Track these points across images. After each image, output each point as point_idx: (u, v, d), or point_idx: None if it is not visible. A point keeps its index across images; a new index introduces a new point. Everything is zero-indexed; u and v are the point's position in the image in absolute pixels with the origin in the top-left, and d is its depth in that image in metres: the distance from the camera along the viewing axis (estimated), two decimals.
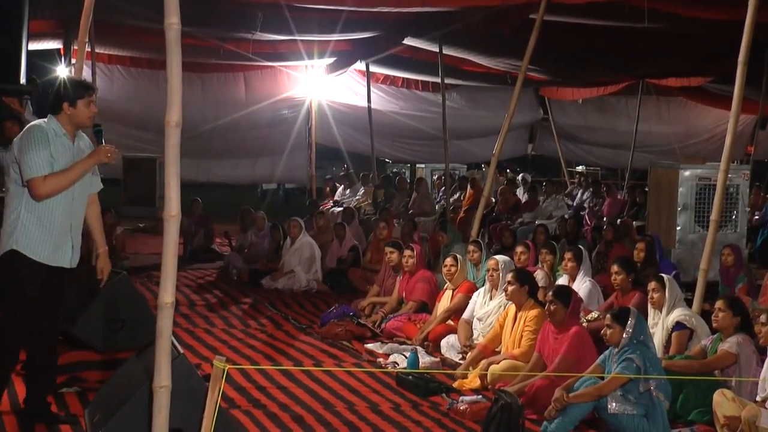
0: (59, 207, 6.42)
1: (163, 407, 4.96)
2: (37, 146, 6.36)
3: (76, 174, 6.40)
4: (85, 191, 6.65)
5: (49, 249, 6.42)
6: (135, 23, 16.76)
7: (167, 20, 4.95)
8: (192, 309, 11.88)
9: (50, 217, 6.41)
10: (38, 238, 6.40)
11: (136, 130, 23.16)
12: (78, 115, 6.51)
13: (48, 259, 6.43)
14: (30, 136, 6.42)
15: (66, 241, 6.49)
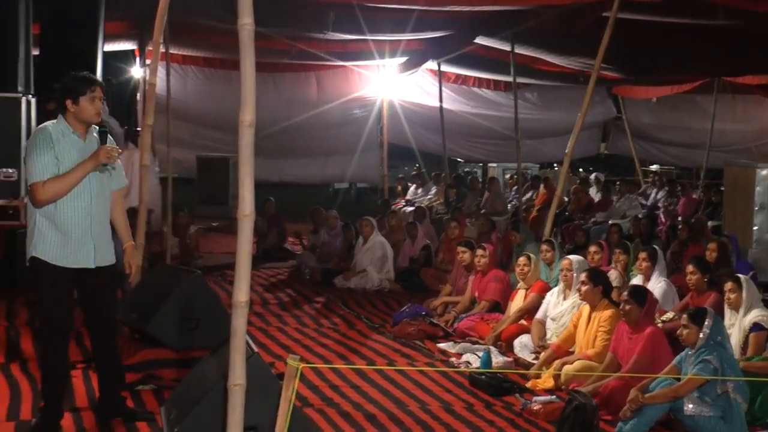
0: (75, 209, 6.37)
1: (237, 405, 4.99)
2: (38, 150, 6.31)
3: (76, 176, 6.30)
4: (105, 189, 6.58)
5: (67, 252, 6.37)
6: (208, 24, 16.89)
7: (241, 21, 4.98)
8: (265, 308, 11.95)
9: (65, 221, 6.36)
10: (55, 242, 6.36)
11: (210, 130, 23.36)
12: (82, 112, 6.44)
13: (68, 262, 6.39)
14: (33, 139, 6.41)
15: (86, 242, 6.42)
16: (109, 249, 6.63)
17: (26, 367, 8.38)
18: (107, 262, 6.59)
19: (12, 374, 8.10)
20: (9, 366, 8.38)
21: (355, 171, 25.16)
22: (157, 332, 7.83)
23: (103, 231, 6.56)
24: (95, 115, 6.44)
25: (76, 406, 7.21)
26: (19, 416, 6.94)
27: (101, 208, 6.53)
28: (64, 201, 6.31)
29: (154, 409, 7.15)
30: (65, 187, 6.28)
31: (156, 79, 9.87)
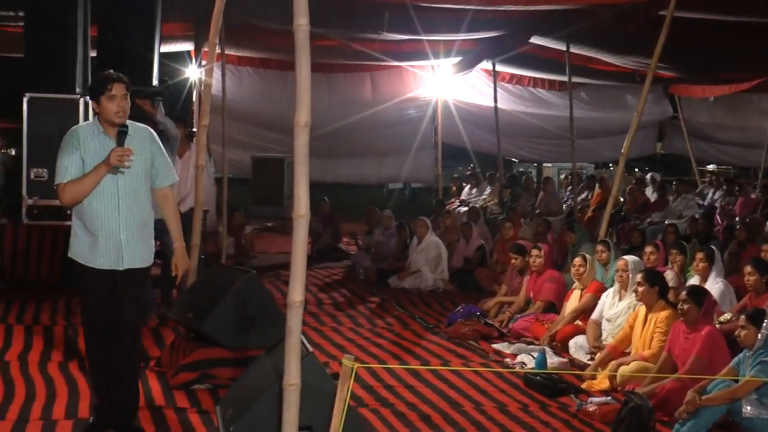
0: (103, 210, 6.24)
1: (292, 405, 5.01)
2: (64, 151, 6.25)
3: (91, 179, 6.15)
4: (138, 189, 6.37)
5: (96, 253, 6.27)
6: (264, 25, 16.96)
7: (296, 21, 4.99)
8: (320, 308, 11.99)
9: (93, 221, 6.24)
10: (86, 243, 6.28)
11: (265, 131, 23.46)
12: (104, 112, 6.25)
13: (97, 263, 6.28)
14: (63, 140, 6.32)
15: (115, 243, 6.27)
16: (143, 251, 6.45)
17: (84, 365, 8.44)
18: (139, 265, 6.42)
19: (70, 373, 8.19)
20: (67, 364, 8.47)
21: (409, 171, 25.17)
22: (213, 332, 7.86)
23: (135, 232, 6.36)
24: (116, 114, 6.23)
25: None
26: (77, 414, 7.00)
27: (134, 208, 6.33)
28: (93, 202, 6.22)
29: (209, 407, 7.20)
30: (82, 190, 6.18)
31: (212, 80, 9.92)
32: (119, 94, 6.21)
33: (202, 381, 7.84)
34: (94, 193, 6.19)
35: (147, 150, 6.40)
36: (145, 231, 6.49)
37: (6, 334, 9.65)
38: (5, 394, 7.48)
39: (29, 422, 6.75)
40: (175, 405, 7.35)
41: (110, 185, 6.22)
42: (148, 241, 6.53)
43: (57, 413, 6.99)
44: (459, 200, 23.25)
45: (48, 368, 8.32)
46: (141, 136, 6.42)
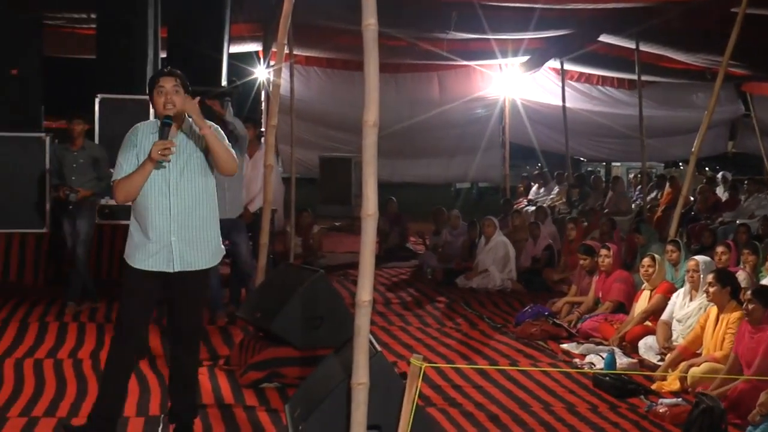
0: (153, 207, 6.03)
1: (361, 404, 5.02)
2: (122, 149, 6.16)
3: (138, 176, 5.97)
4: (191, 185, 6.11)
5: (145, 254, 6.06)
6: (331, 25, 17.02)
7: (365, 21, 4.99)
8: (388, 307, 12.00)
9: (145, 221, 6.06)
10: (137, 244, 6.10)
11: (332, 130, 23.53)
12: (155, 106, 6.12)
13: (145, 265, 6.07)
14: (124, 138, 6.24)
15: (166, 245, 6.04)
16: (199, 253, 6.16)
17: (155, 363, 8.55)
18: (192, 267, 6.14)
19: (141, 371, 8.27)
20: (138, 363, 8.56)
21: (477, 171, 25.12)
22: (281, 331, 7.90)
23: (189, 233, 6.10)
24: (163, 108, 6.02)
25: (203, 403, 7.32)
26: (149, 412, 7.08)
27: (188, 207, 6.09)
28: (144, 200, 6.03)
29: (278, 406, 7.23)
30: (132, 188, 6.01)
31: (280, 81, 9.97)
32: (168, 87, 6.04)
33: (271, 380, 7.88)
34: (146, 191, 6.02)
35: (203, 143, 6.15)
36: (204, 231, 6.17)
37: (79, 332, 9.80)
38: (78, 391, 7.59)
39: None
40: (244, 403, 7.40)
41: (161, 183, 6.04)
42: (206, 242, 6.20)
43: (128, 410, 7.05)
44: (527, 200, 23.16)
45: None
46: (196, 135, 6.16)
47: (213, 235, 6.26)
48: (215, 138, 6.07)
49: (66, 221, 10.88)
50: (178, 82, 6.08)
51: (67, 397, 7.42)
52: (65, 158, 10.80)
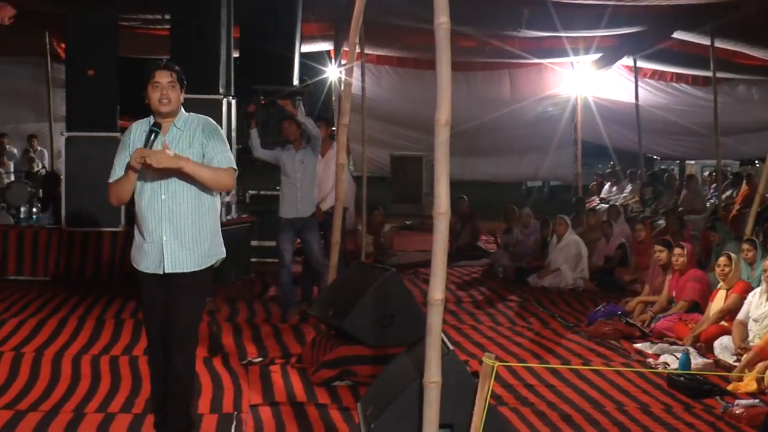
0: (146, 208, 5.87)
1: (433, 402, 5.02)
2: (118, 149, 5.98)
3: (125, 181, 5.81)
4: (183, 186, 5.82)
5: (141, 255, 5.94)
6: (403, 23, 17.03)
7: (437, 20, 4.99)
8: (459, 306, 11.99)
9: (140, 221, 5.94)
10: (137, 245, 6.00)
11: (403, 129, 23.57)
12: (150, 102, 5.85)
13: (144, 266, 5.94)
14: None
15: (157, 246, 5.86)
16: (190, 254, 5.90)
17: (227, 361, 8.63)
18: (182, 269, 5.89)
19: (214, 368, 8.35)
20: (211, 360, 8.65)
21: (548, 169, 25.00)
22: (353, 329, 7.92)
23: (180, 234, 5.87)
24: (159, 104, 5.80)
25: (275, 400, 7.37)
26: (222, 409, 7.13)
27: (180, 208, 5.85)
28: (139, 201, 5.87)
29: (350, 404, 7.25)
30: (121, 192, 5.88)
31: (352, 80, 9.99)
32: (163, 81, 5.79)
33: (343, 378, 7.91)
34: (140, 191, 5.86)
35: (197, 142, 5.88)
36: (196, 233, 5.92)
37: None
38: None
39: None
40: (316, 401, 7.43)
41: (153, 183, 5.83)
42: (198, 244, 5.94)
43: (202, 408, 7.12)
44: (599, 198, 22.99)
45: None
46: (191, 129, 5.92)
47: (206, 237, 5.97)
48: (197, 168, 5.74)
49: None
50: (174, 77, 5.86)
51: (143, 393, 7.49)
52: None
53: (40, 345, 9.11)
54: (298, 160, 10.72)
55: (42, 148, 21.82)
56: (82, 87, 12.96)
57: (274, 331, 10.12)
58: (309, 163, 10.75)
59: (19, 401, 7.22)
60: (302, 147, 10.74)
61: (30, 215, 14.42)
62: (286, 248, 10.86)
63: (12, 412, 6.88)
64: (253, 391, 7.67)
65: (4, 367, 8.20)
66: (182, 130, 5.89)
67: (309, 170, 10.77)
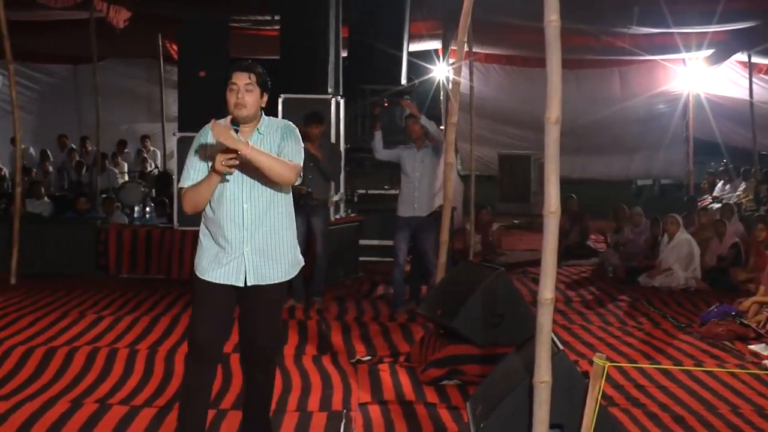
0: (225, 216, 5.45)
1: (543, 402, 4.99)
2: (190, 151, 5.60)
3: (204, 187, 5.41)
4: (266, 192, 5.48)
5: (217, 264, 5.48)
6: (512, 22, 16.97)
7: (547, 17, 4.96)
8: (568, 306, 11.89)
9: (216, 229, 5.49)
10: (207, 254, 5.53)
11: (511, 128, 23.51)
12: (227, 104, 5.49)
13: (215, 276, 5.47)
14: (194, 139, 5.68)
15: (238, 256, 5.44)
16: (274, 265, 5.52)
17: (336, 359, 8.68)
18: (267, 282, 5.50)
19: (324, 366, 8.41)
20: (321, 358, 8.71)
21: (659, 167, 24.66)
22: (462, 328, 7.91)
23: (263, 243, 5.49)
24: (234, 106, 5.43)
25: (384, 399, 7.40)
26: (331, 407, 7.18)
27: (263, 216, 5.48)
28: (216, 207, 5.46)
29: (458, 403, 7.25)
30: (199, 199, 5.46)
31: (460, 78, 9.98)
32: (240, 84, 5.42)
33: (451, 377, 7.90)
34: (218, 197, 5.45)
35: (276, 146, 5.53)
36: (280, 241, 5.56)
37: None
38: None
39: (286, 413, 6.96)
40: (425, 400, 7.44)
41: (234, 189, 5.45)
42: (283, 253, 5.58)
43: (312, 405, 7.19)
44: (711, 197, 22.59)
45: (303, 361, 8.58)
46: (272, 134, 5.58)
47: (289, 244, 5.64)
48: (258, 154, 5.29)
49: (298, 218, 11.20)
50: (254, 80, 5.47)
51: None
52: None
53: (153, 342, 9.29)
54: (418, 160, 10.77)
55: (155, 149, 22.29)
56: (194, 88, 13.16)
57: (383, 330, 10.16)
58: (429, 163, 10.78)
59: (134, 397, 7.36)
60: (424, 146, 10.78)
61: (143, 215, 14.72)
62: (401, 247, 10.94)
63: (127, 408, 7.02)
64: (362, 389, 7.71)
65: (119, 364, 8.37)
66: (264, 135, 5.54)
67: (429, 170, 10.81)
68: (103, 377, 7.93)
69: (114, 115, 20.32)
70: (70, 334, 9.53)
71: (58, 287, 12.24)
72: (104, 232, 13.66)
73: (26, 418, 6.67)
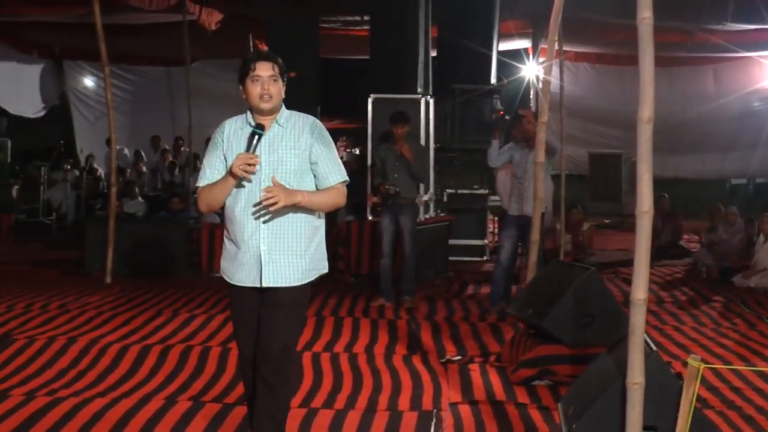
0: (243, 215, 5.21)
1: (636, 404, 4.93)
2: (208, 149, 5.37)
3: (221, 188, 5.21)
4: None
5: (238, 265, 5.27)
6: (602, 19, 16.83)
7: (640, 15, 4.91)
8: (661, 306, 11.75)
9: (235, 229, 5.27)
10: (229, 255, 5.35)
11: (601, 126, 23.31)
12: (248, 98, 5.21)
13: (236, 278, 5.30)
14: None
15: (254, 256, 5.20)
16: (292, 267, 5.23)
17: (426, 359, 8.68)
18: (283, 283, 5.22)
19: (414, 366, 8.41)
20: (411, 358, 8.72)
21: (755, 166, 24.23)
22: (553, 328, 7.86)
23: (281, 243, 5.21)
24: (260, 98, 5.17)
25: (474, 399, 7.38)
26: (422, 407, 7.18)
27: (279, 216, 5.18)
28: (234, 206, 5.23)
29: (549, 404, 7.20)
30: (214, 200, 5.28)
31: (550, 78, 9.92)
32: (265, 75, 5.17)
33: (542, 377, 7.86)
34: (235, 196, 5.22)
35: (303, 143, 5.27)
36: (298, 241, 5.26)
37: (354, 327, 10.08)
38: (354, 384, 7.79)
39: (377, 412, 6.98)
40: (515, 400, 7.40)
41: (252, 187, 5.18)
42: (301, 254, 5.28)
43: (402, 405, 7.20)
44: None
45: (393, 360, 8.60)
46: (296, 128, 5.33)
47: (308, 247, 5.32)
48: (312, 198, 5.20)
49: (386, 218, 11.31)
50: (277, 70, 5.25)
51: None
52: (388, 158, 11.24)
53: None
54: (530, 161, 10.75)
55: None
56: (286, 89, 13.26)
57: (473, 330, 10.14)
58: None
59: (227, 395, 7.43)
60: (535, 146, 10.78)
61: None
62: (505, 245, 10.98)
63: (219, 405, 7.09)
64: (453, 389, 7.70)
65: (212, 362, 8.46)
66: (285, 127, 5.29)
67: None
68: (197, 375, 8.03)
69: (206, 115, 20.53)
70: (164, 332, 9.67)
71: (151, 286, 12.46)
72: (197, 231, 13.88)
73: (122, 414, 6.78)
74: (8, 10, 17.04)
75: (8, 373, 7.91)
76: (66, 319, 10.21)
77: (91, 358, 8.49)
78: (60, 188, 20.40)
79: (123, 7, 15.30)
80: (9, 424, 6.48)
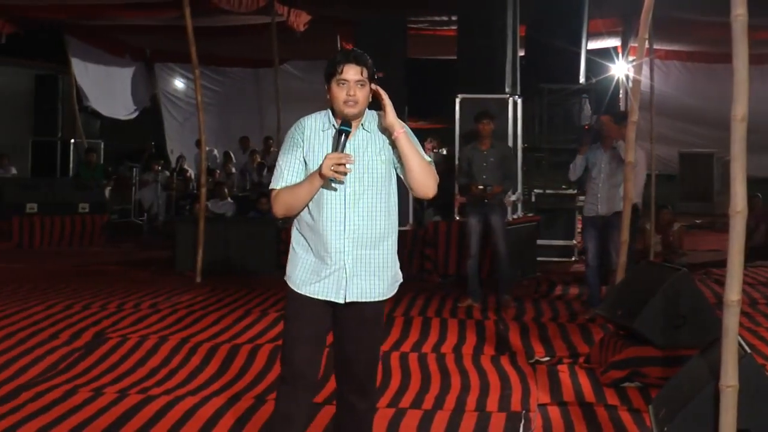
0: (325, 222, 4.82)
1: (730, 407, 4.87)
2: (283, 149, 4.98)
3: (303, 190, 4.81)
4: (370, 197, 4.80)
5: (317, 276, 4.85)
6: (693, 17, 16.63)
7: (734, 12, 4.84)
8: (754, 308, 11.54)
9: (314, 237, 4.89)
10: (301, 264, 4.92)
11: (692, 125, 23.02)
12: (333, 100, 4.80)
13: (313, 291, 4.85)
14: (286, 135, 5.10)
15: (337, 269, 4.80)
16: (377, 279, 4.87)
17: (515, 360, 8.65)
18: (369, 298, 4.87)
19: (502, 366, 8.39)
20: (499, 358, 8.70)
21: None
22: (643, 329, 7.77)
23: (366, 255, 4.84)
24: (345, 103, 4.74)
25: (564, 400, 7.33)
26: (510, 408, 7.15)
27: (363, 222, 4.82)
28: (314, 212, 4.85)
29: (640, 406, 7.12)
30: (295, 202, 4.86)
31: (641, 77, 9.82)
32: (352, 80, 4.74)
33: (632, 379, 7.78)
34: (316, 201, 4.82)
35: (387, 147, 4.89)
36: (383, 253, 4.91)
37: (441, 328, 10.07)
38: (442, 384, 7.79)
39: (465, 413, 6.97)
40: (605, 402, 7.34)
41: (335, 193, 4.80)
42: (385, 267, 4.93)
43: (491, 405, 7.18)
44: None
45: (481, 361, 8.58)
46: (379, 131, 4.91)
47: (392, 258, 4.99)
48: (410, 144, 4.81)
49: (474, 218, 11.31)
50: (365, 75, 4.79)
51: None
52: (474, 157, 11.24)
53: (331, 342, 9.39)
54: (605, 161, 10.72)
55: None
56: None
57: (561, 331, 10.08)
58: (616, 165, 10.67)
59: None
60: (611, 148, 10.71)
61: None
62: (588, 247, 10.94)
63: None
64: (541, 390, 7.66)
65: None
66: (371, 133, 4.88)
67: (615, 171, 10.70)
68: None
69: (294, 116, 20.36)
70: (253, 331, 9.75)
71: (240, 286, 12.59)
72: (285, 231, 13.97)
73: (212, 412, 6.86)
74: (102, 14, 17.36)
75: (101, 372, 8.05)
76: (157, 318, 10.36)
77: (182, 356, 8.61)
78: (151, 189, 20.70)
79: (213, 10, 15.48)
80: (102, 422, 6.60)
